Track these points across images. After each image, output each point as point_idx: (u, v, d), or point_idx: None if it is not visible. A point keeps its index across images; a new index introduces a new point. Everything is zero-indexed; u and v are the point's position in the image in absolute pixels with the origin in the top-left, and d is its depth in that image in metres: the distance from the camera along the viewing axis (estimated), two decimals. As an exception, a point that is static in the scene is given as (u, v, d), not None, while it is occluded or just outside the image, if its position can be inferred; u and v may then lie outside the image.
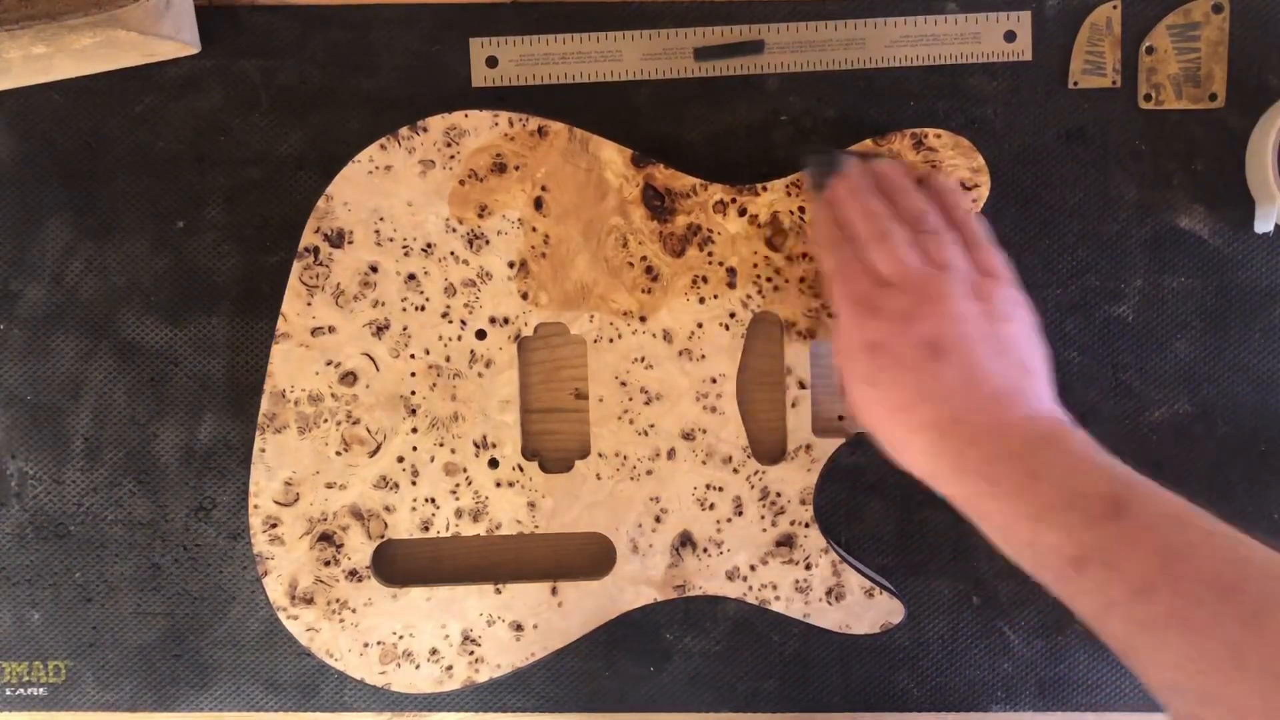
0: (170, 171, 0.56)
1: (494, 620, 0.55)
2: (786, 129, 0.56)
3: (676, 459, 0.54)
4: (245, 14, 0.56)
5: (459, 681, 0.55)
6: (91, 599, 0.57)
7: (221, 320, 0.57)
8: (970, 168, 0.54)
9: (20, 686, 0.57)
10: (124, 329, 0.57)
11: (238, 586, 0.57)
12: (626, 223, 0.54)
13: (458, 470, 0.54)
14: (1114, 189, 0.56)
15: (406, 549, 0.56)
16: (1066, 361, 0.57)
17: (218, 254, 0.56)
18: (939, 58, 0.56)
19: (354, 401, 0.54)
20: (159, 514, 0.57)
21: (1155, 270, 0.57)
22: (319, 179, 0.55)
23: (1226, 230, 0.56)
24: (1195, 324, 0.57)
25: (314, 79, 0.56)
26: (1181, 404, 0.57)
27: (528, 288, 0.54)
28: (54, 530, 0.57)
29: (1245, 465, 0.57)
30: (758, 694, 0.58)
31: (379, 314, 0.54)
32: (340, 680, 0.57)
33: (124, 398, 0.57)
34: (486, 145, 0.54)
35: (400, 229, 0.54)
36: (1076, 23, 0.56)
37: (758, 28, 0.56)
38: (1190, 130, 0.56)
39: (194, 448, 0.57)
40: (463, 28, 0.56)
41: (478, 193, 0.54)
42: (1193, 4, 0.56)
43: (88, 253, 0.56)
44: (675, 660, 0.57)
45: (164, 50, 0.54)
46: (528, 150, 0.54)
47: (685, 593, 0.55)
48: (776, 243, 0.54)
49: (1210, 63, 0.56)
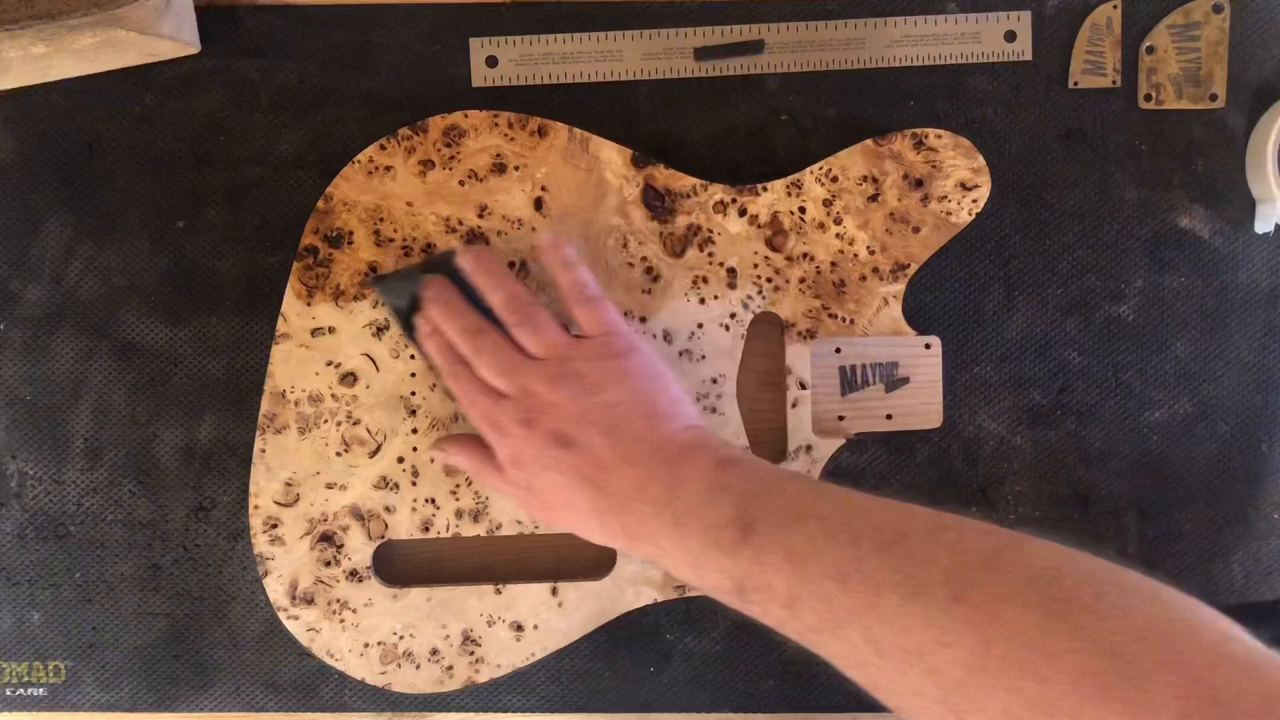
0: (170, 171, 0.56)
1: (494, 620, 0.55)
2: (786, 129, 0.56)
3: (677, 459, 0.54)
4: (245, 14, 0.56)
5: (459, 682, 0.55)
6: (91, 599, 0.57)
7: (221, 320, 0.57)
8: (970, 168, 0.54)
9: (20, 686, 0.57)
10: (124, 329, 0.57)
11: (238, 587, 0.57)
12: (626, 223, 0.54)
13: (458, 470, 0.54)
14: (1114, 189, 0.56)
15: (407, 549, 0.56)
16: (1066, 361, 0.57)
17: (218, 254, 0.56)
18: (939, 58, 0.56)
19: (354, 402, 0.54)
20: (159, 514, 0.57)
21: (1155, 270, 0.57)
22: (319, 179, 0.55)
23: (1226, 230, 0.56)
24: (1195, 324, 0.57)
25: (314, 79, 0.56)
26: (1181, 404, 0.57)
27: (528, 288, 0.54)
28: (54, 530, 0.57)
29: (1245, 465, 0.57)
30: (758, 694, 0.58)
31: (379, 314, 0.54)
32: (340, 680, 0.57)
33: (124, 398, 0.57)
34: (486, 145, 0.54)
35: (400, 229, 0.54)
36: (1076, 23, 0.56)
37: (758, 28, 0.56)
38: (1190, 130, 0.56)
39: (194, 448, 0.57)
40: (463, 28, 0.56)
41: (478, 193, 0.54)
42: (1193, 4, 0.56)
43: (88, 253, 0.56)
44: (675, 660, 0.57)
45: (164, 50, 0.54)
46: (528, 150, 0.54)
47: (685, 593, 0.55)
48: (777, 243, 0.54)
49: (1210, 63, 0.56)
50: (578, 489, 0.47)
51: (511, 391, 0.49)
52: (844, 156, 0.54)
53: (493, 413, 0.49)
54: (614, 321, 0.50)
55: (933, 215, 0.54)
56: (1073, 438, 0.57)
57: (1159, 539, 0.57)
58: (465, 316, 0.51)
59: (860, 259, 0.54)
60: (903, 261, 0.54)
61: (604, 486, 0.46)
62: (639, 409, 0.47)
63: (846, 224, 0.54)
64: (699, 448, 0.46)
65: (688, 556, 0.44)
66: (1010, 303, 0.57)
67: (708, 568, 0.43)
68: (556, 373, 0.48)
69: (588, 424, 0.47)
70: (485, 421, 0.50)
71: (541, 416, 0.48)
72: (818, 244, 0.54)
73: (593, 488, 0.47)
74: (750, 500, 0.43)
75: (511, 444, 0.49)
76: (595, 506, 0.47)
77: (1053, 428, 0.57)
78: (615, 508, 0.46)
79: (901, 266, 0.54)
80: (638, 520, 0.45)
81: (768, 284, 0.54)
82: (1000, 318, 0.57)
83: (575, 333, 0.51)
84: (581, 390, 0.48)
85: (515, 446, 0.48)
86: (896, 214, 0.54)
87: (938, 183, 0.54)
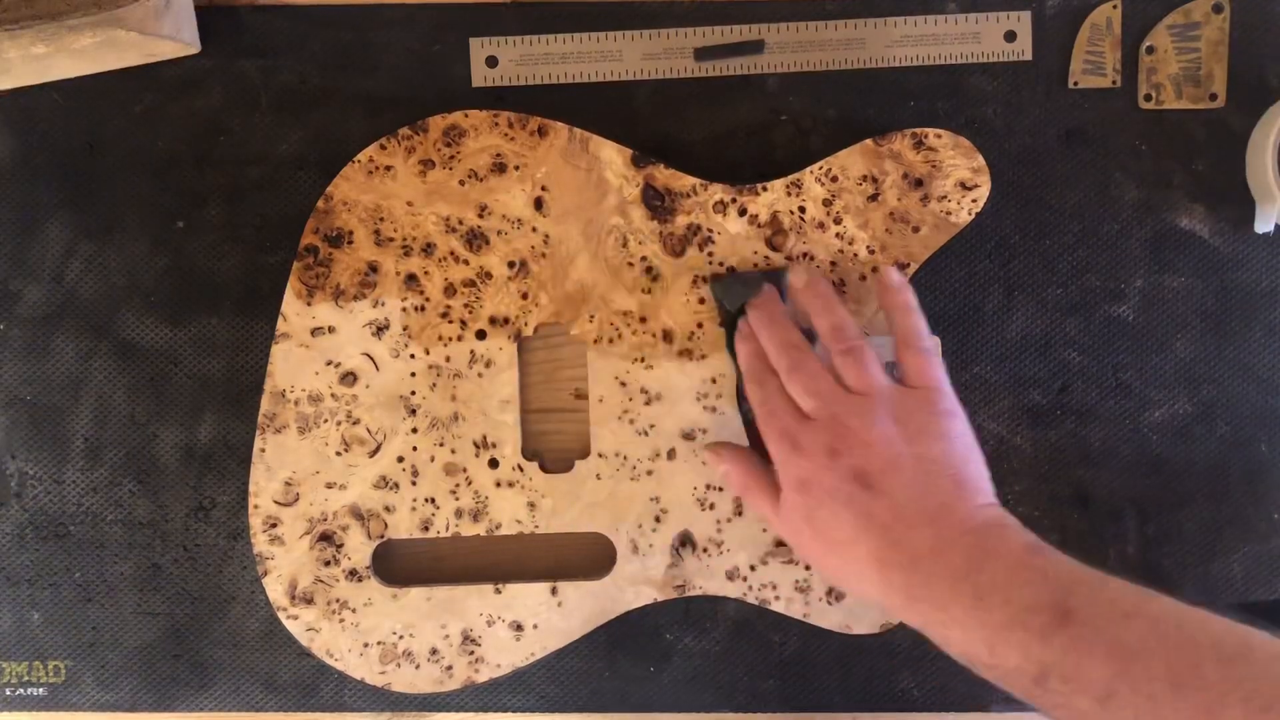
0: (170, 171, 0.56)
1: (494, 620, 0.55)
2: (786, 129, 0.56)
3: (676, 459, 0.54)
4: (245, 14, 0.56)
5: (459, 681, 0.55)
6: (91, 599, 0.57)
7: (221, 320, 0.57)
8: (970, 168, 0.54)
9: (20, 686, 0.57)
10: (124, 329, 0.57)
11: (238, 586, 0.57)
12: (626, 223, 0.54)
13: (458, 470, 0.54)
14: (1114, 189, 0.56)
15: (406, 549, 0.56)
16: (1066, 361, 0.57)
17: (218, 254, 0.56)
18: (939, 58, 0.56)
19: (354, 401, 0.54)
20: (159, 514, 0.57)
21: (1155, 270, 0.57)
22: (319, 179, 0.55)
23: (1226, 230, 0.56)
24: (1195, 324, 0.57)
25: (314, 79, 0.56)
26: (1181, 404, 0.57)
27: (528, 288, 0.54)
28: (54, 530, 0.57)
29: (1245, 465, 0.57)
30: (758, 694, 0.58)
31: (379, 314, 0.54)
32: (340, 680, 0.57)
33: (124, 398, 0.57)
34: (486, 145, 0.54)
35: (400, 229, 0.54)
36: (1076, 23, 0.56)
37: (758, 28, 0.56)
38: (1190, 130, 0.56)
39: (194, 448, 0.57)
40: (463, 28, 0.56)
41: (478, 193, 0.54)
42: (1193, 4, 0.56)
43: (88, 253, 0.56)
44: (675, 660, 0.57)
45: (164, 50, 0.54)
46: (528, 150, 0.54)
47: (685, 593, 0.55)
48: (777, 243, 0.54)
49: (1210, 63, 0.56)
50: (867, 534, 0.45)
51: (820, 416, 0.47)
52: (844, 156, 0.54)
53: (795, 430, 0.48)
54: (942, 379, 0.49)
55: (932, 215, 0.54)
56: (1073, 438, 0.57)
57: (1159, 539, 0.57)
58: (791, 331, 0.50)
59: (860, 259, 0.54)
60: (902, 261, 0.54)
61: (897, 540, 0.44)
62: (950, 472, 0.46)
63: (846, 224, 0.54)
64: (1006, 526, 0.45)
65: (983, 632, 0.42)
66: (1010, 303, 0.57)
67: (1009, 647, 0.41)
68: (875, 412, 0.47)
69: (895, 471, 0.45)
70: (783, 438, 0.48)
71: (849, 450, 0.46)
72: (818, 244, 0.54)
73: (884, 538, 0.45)
74: (1069, 588, 0.42)
75: (806, 468, 0.47)
76: (880, 557, 0.45)
77: (1053, 428, 0.57)
78: (903, 564, 0.44)
79: (901, 266, 0.54)
80: (927, 584, 0.44)
81: (768, 284, 0.54)
82: (1000, 318, 0.57)
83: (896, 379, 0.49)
84: (897, 437, 0.46)
85: (810, 471, 0.47)
86: (896, 214, 0.54)
87: (937, 182, 0.54)
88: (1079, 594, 0.41)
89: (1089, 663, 0.40)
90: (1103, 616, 0.41)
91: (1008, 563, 0.43)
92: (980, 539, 0.44)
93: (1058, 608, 0.41)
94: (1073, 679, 0.40)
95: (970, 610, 0.42)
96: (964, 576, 0.43)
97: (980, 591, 0.42)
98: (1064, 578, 0.42)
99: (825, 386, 0.48)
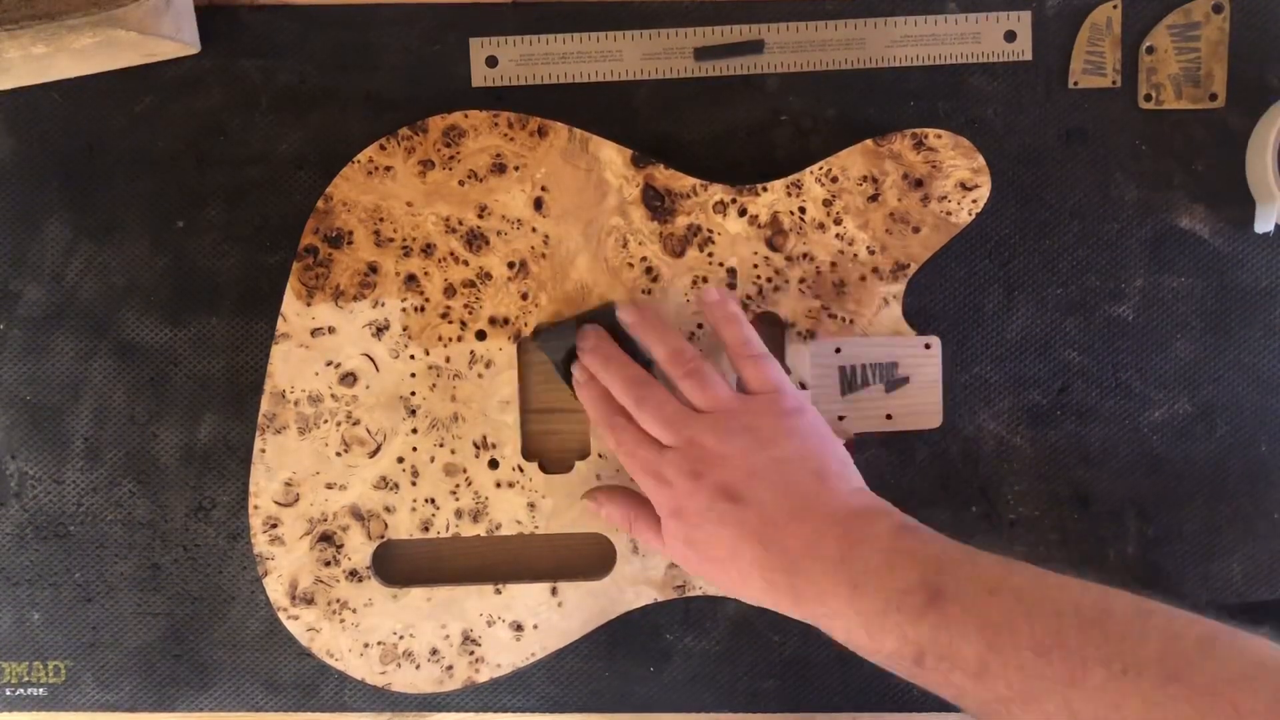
0: (170, 171, 0.56)
1: (494, 620, 0.55)
2: (786, 129, 0.56)
3: (676, 459, 0.54)
4: (245, 14, 0.56)
5: (459, 681, 0.55)
6: (91, 599, 0.57)
7: (221, 320, 0.57)
8: (970, 168, 0.54)
9: (20, 686, 0.57)
10: (124, 329, 0.57)
11: (238, 586, 0.57)
12: (626, 223, 0.54)
13: (458, 471, 0.54)
14: (1114, 189, 0.56)
15: (406, 549, 0.56)
16: (1066, 361, 0.57)
17: (218, 254, 0.56)
18: (939, 58, 0.56)
19: (354, 402, 0.54)
20: (159, 514, 0.57)
21: (1155, 270, 0.57)
22: (319, 179, 0.55)
23: (1226, 230, 0.56)
24: (1195, 324, 0.57)
25: (314, 79, 0.56)
26: (1181, 404, 0.57)
27: (528, 288, 0.54)
28: (54, 530, 0.57)
29: (1245, 465, 0.57)
30: (758, 694, 0.58)
31: (379, 314, 0.54)
32: (340, 680, 0.57)
33: (124, 398, 0.57)
34: (486, 145, 0.54)
35: (400, 229, 0.54)
36: (1076, 23, 0.56)
37: (758, 28, 0.56)
38: (1190, 130, 0.56)
39: (194, 448, 0.57)
40: (463, 28, 0.56)
41: (478, 193, 0.54)
42: (1193, 4, 0.56)
43: (88, 253, 0.56)
44: (675, 660, 0.57)
45: (164, 50, 0.54)
46: (528, 150, 0.54)
47: (685, 593, 0.55)
48: (776, 243, 0.54)
49: (1210, 63, 0.56)
50: (744, 545, 0.46)
51: (677, 443, 0.48)
52: (844, 156, 0.54)
53: (656, 464, 0.48)
54: (781, 380, 0.49)
55: (933, 215, 0.54)
56: (1073, 438, 0.57)
57: (1159, 539, 0.57)
58: (627, 367, 0.51)
59: (860, 259, 0.54)
60: (903, 261, 0.54)
61: (773, 544, 0.45)
62: (810, 467, 0.47)
63: (846, 224, 0.54)
64: (875, 511, 0.46)
65: (861, 619, 0.43)
66: (1010, 303, 0.57)
67: (885, 632, 0.42)
68: (726, 426, 0.47)
69: (758, 479, 0.46)
70: (646, 473, 0.49)
71: (709, 469, 0.47)
72: (818, 244, 0.54)
73: (761, 545, 0.45)
74: (938, 568, 0.42)
75: (674, 496, 0.48)
76: (762, 564, 0.45)
77: (1053, 428, 0.57)
78: (784, 566, 0.45)
79: (901, 266, 0.54)
80: (808, 580, 0.44)
81: (767, 284, 0.54)
82: (1000, 318, 0.57)
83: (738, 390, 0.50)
84: (752, 445, 0.47)
85: (678, 499, 0.47)
86: (896, 214, 0.54)
87: (938, 183, 0.54)
88: (948, 572, 0.42)
89: (961, 640, 0.40)
90: (970, 593, 0.41)
91: (877, 547, 0.44)
92: (848, 528, 0.45)
93: (928, 588, 0.42)
94: (948, 656, 0.41)
95: (848, 600, 0.43)
96: (838, 567, 0.44)
97: (855, 580, 0.43)
98: (933, 558, 0.43)
99: (674, 412, 0.49)
